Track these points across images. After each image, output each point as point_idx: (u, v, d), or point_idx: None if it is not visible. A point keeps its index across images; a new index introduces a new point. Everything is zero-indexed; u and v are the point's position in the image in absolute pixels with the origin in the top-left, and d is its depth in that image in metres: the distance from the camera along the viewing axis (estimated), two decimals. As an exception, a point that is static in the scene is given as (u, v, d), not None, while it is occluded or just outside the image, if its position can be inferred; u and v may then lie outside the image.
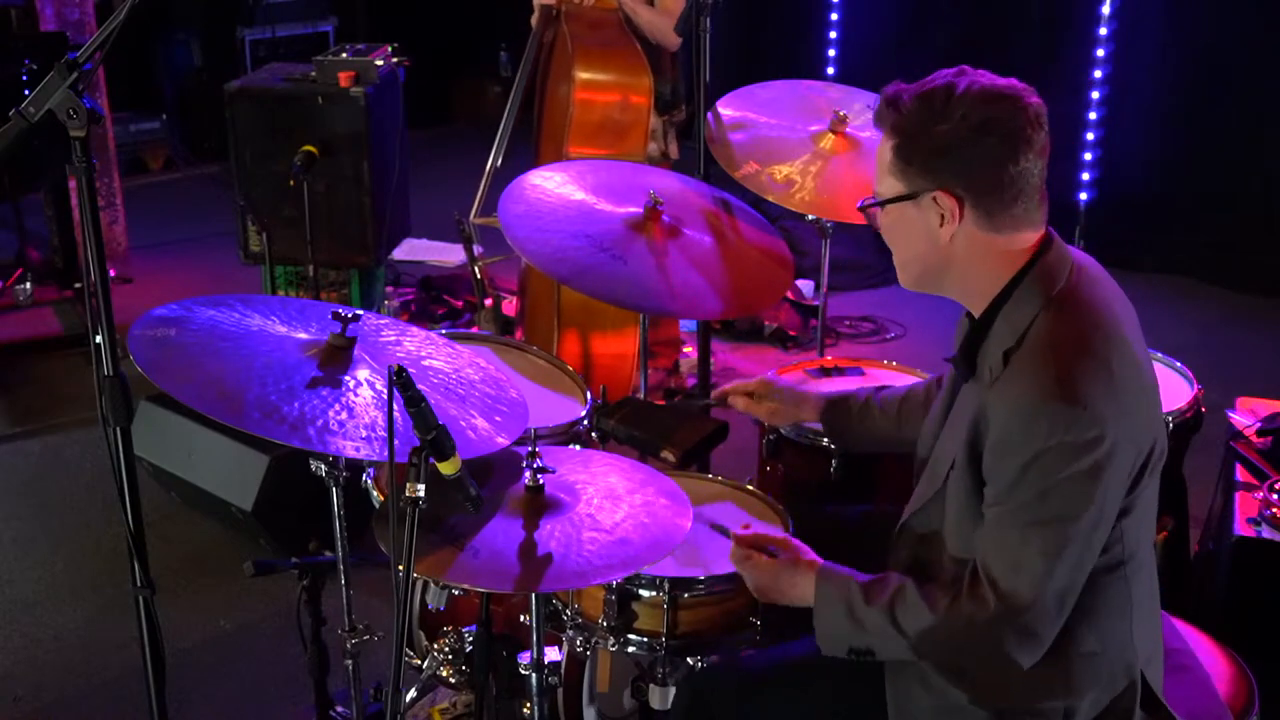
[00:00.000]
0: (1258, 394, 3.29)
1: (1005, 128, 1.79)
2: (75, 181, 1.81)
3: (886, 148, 1.87)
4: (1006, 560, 1.80)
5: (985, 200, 1.81)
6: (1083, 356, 1.76)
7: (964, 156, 1.80)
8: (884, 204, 1.89)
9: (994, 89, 1.80)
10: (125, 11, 1.77)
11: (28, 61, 4.50)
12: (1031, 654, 1.82)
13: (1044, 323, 1.81)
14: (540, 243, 2.57)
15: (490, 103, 7.96)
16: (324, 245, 4.23)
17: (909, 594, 1.87)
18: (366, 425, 1.90)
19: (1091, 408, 1.72)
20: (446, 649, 2.55)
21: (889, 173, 1.87)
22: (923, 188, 1.83)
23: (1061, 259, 1.86)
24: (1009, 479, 1.78)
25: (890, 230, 1.92)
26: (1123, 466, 1.78)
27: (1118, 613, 1.89)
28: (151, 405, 3.71)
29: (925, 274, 1.92)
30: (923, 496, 2.01)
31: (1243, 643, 2.28)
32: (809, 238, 3.86)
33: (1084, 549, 1.79)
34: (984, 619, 1.80)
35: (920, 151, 1.82)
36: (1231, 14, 5.54)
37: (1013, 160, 1.79)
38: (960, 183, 1.81)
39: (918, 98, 1.82)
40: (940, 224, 1.84)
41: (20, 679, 3.19)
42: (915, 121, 1.81)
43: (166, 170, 7.24)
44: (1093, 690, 1.89)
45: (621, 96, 3.88)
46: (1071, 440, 1.72)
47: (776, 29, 7.06)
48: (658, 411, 2.70)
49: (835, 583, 1.94)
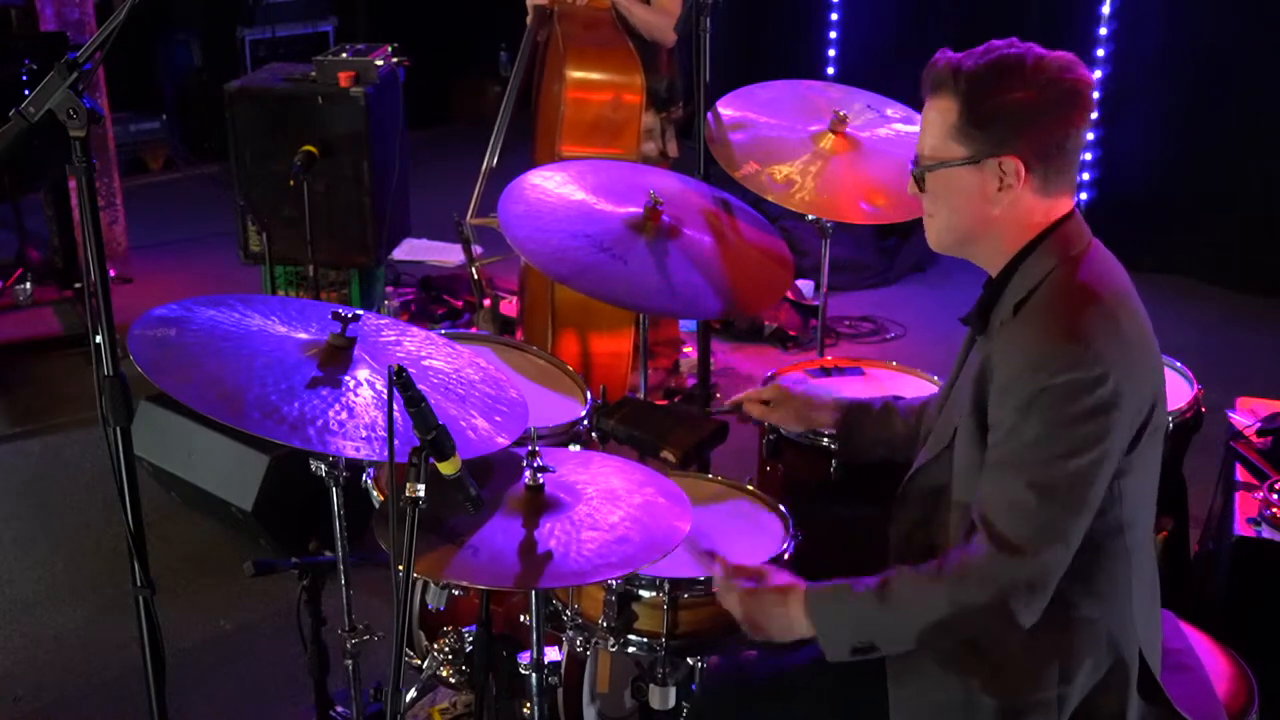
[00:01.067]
0: (1258, 394, 3.29)
1: (1077, 98, 1.83)
2: (75, 181, 1.81)
3: (949, 111, 1.86)
4: (1004, 502, 1.79)
5: (1045, 166, 1.85)
6: (1089, 304, 1.79)
7: (1039, 123, 1.83)
8: (941, 167, 1.89)
9: (1061, 60, 1.84)
10: (125, 11, 1.77)
11: (28, 61, 4.50)
12: (1030, 604, 1.80)
13: (1056, 276, 1.85)
14: (540, 243, 2.57)
15: (490, 103, 7.96)
16: (324, 245, 4.23)
17: (902, 570, 1.88)
18: (366, 425, 1.90)
19: (1095, 347, 1.74)
20: (446, 649, 2.55)
21: (949, 136, 1.87)
22: (988, 152, 1.84)
23: (1081, 231, 1.90)
24: (1012, 420, 1.79)
25: (939, 194, 1.92)
26: (1126, 413, 1.78)
27: (1118, 583, 1.89)
28: (151, 405, 3.71)
29: (963, 239, 1.94)
30: (931, 451, 2.01)
31: (1243, 643, 2.28)
32: (809, 238, 3.86)
33: (1084, 493, 1.78)
34: (983, 564, 1.79)
35: (995, 117, 1.83)
36: (1231, 14, 5.54)
37: (1076, 127, 1.85)
38: (1030, 148, 1.83)
39: (990, 65, 1.83)
40: (999, 188, 1.85)
41: (20, 679, 3.19)
42: (989, 88, 1.83)
43: (166, 170, 7.24)
44: (1090, 658, 1.88)
45: (614, 95, 3.87)
46: (1075, 378, 1.73)
47: (776, 29, 7.06)
48: (658, 412, 2.70)
49: (824, 590, 1.93)
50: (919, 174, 1.93)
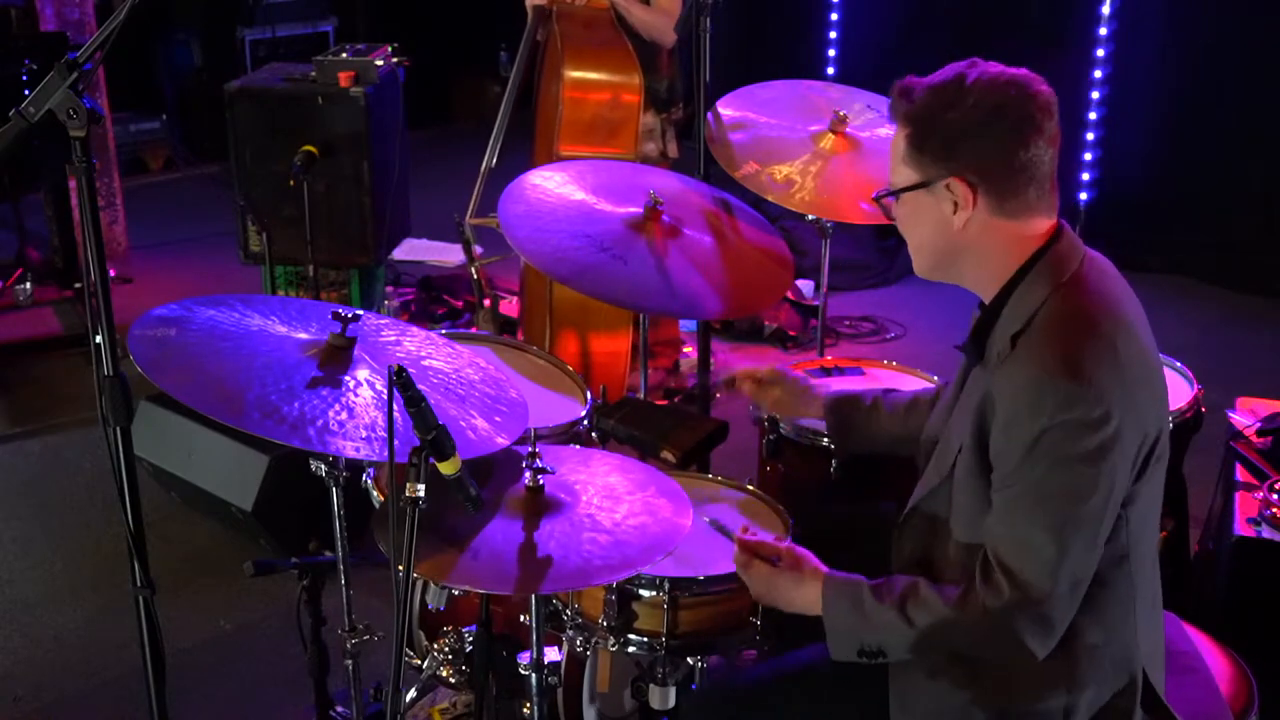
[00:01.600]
0: (1258, 394, 3.29)
1: (1016, 114, 1.81)
2: (75, 181, 1.81)
3: (900, 138, 1.89)
4: (1017, 545, 1.79)
5: (997, 186, 1.83)
6: (1087, 336, 1.78)
7: (976, 143, 1.82)
8: (898, 193, 1.91)
9: (1003, 77, 1.83)
10: (125, 11, 1.77)
11: (28, 61, 4.50)
12: (1044, 642, 1.81)
13: (1051, 306, 1.83)
14: (540, 243, 2.57)
15: (490, 102, 7.96)
16: (324, 245, 4.23)
17: (922, 589, 1.87)
18: (366, 425, 1.90)
19: (1096, 385, 1.73)
20: (446, 649, 2.55)
21: (903, 162, 1.89)
22: (936, 175, 1.85)
23: (1073, 249, 1.88)
24: (1015, 459, 1.78)
25: (905, 219, 1.94)
26: (1129, 448, 1.78)
27: (1121, 606, 1.89)
28: (151, 405, 3.71)
29: (940, 262, 1.94)
30: (929, 483, 2.01)
31: (1243, 643, 2.28)
32: (809, 238, 3.87)
33: (1094, 532, 1.79)
34: (999, 607, 1.80)
35: (933, 140, 1.84)
36: (1231, 14, 5.54)
37: (1023, 146, 1.82)
38: (973, 169, 1.83)
39: (929, 88, 1.85)
40: (954, 211, 1.86)
41: (20, 679, 3.19)
42: (927, 110, 1.84)
43: (166, 170, 7.23)
44: (1094, 684, 1.89)
45: (612, 95, 3.87)
46: (1077, 417, 1.73)
47: (776, 29, 7.06)
48: (657, 411, 2.70)
49: (843, 585, 1.94)
50: (880, 200, 1.95)
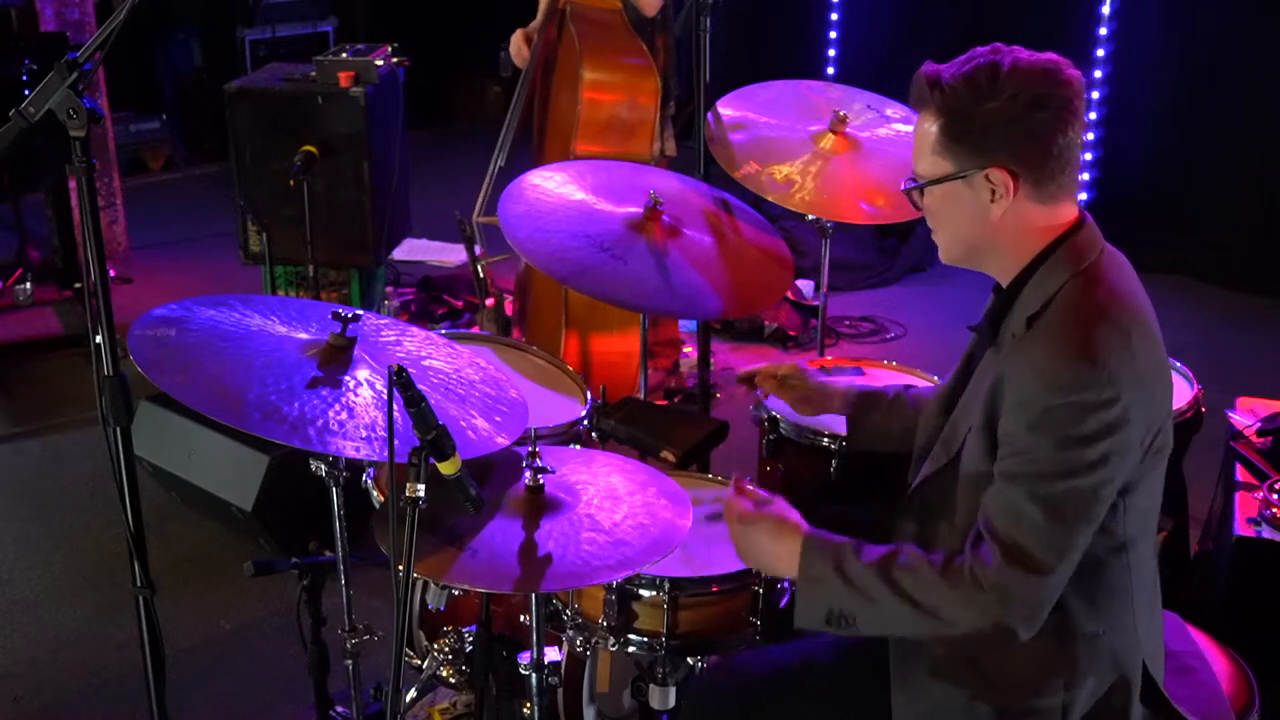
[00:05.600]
0: (1258, 394, 3.29)
1: (1055, 101, 1.80)
2: (75, 181, 1.81)
3: (931, 128, 1.86)
4: (1010, 516, 1.79)
5: (1036, 174, 1.83)
6: (1103, 322, 1.78)
7: (1017, 133, 1.81)
8: (933, 184, 1.89)
9: (1038, 64, 1.81)
10: (125, 11, 1.77)
11: (28, 61, 4.50)
12: (1028, 620, 1.79)
13: (1069, 291, 1.83)
14: (540, 243, 2.57)
15: (490, 103, 7.97)
16: (324, 245, 4.23)
17: (908, 551, 1.86)
18: (366, 425, 1.90)
19: (1108, 369, 1.73)
20: (446, 649, 2.54)
21: (934, 152, 1.87)
22: (974, 166, 1.83)
23: (1094, 239, 1.89)
24: (1021, 436, 1.78)
25: (937, 210, 1.92)
26: (1136, 434, 1.78)
27: (1120, 598, 1.89)
28: (151, 405, 3.71)
29: (970, 251, 1.93)
30: (936, 462, 2.00)
31: (1243, 643, 2.28)
32: (809, 238, 3.86)
33: (1089, 512, 1.78)
34: (986, 576, 1.78)
35: (970, 130, 1.82)
36: (1231, 14, 5.54)
37: (1062, 132, 1.81)
38: (1014, 159, 1.82)
39: (962, 77, 1.82)
40: (991, 200, 1.84)
41: (20, 679, 3.19)
42: (962, 101, 1.82)
43: (166, 170, 7.24)
44: (1093, 677, 1.88)
45: (629, 96, 3.89)
46: (1086, 400, 1.73)
47: (776, 29, 7.06)
48: (658, 411, 2.70)
49: (824, 541, 1.91)
50: (911, 192, 1.93)
